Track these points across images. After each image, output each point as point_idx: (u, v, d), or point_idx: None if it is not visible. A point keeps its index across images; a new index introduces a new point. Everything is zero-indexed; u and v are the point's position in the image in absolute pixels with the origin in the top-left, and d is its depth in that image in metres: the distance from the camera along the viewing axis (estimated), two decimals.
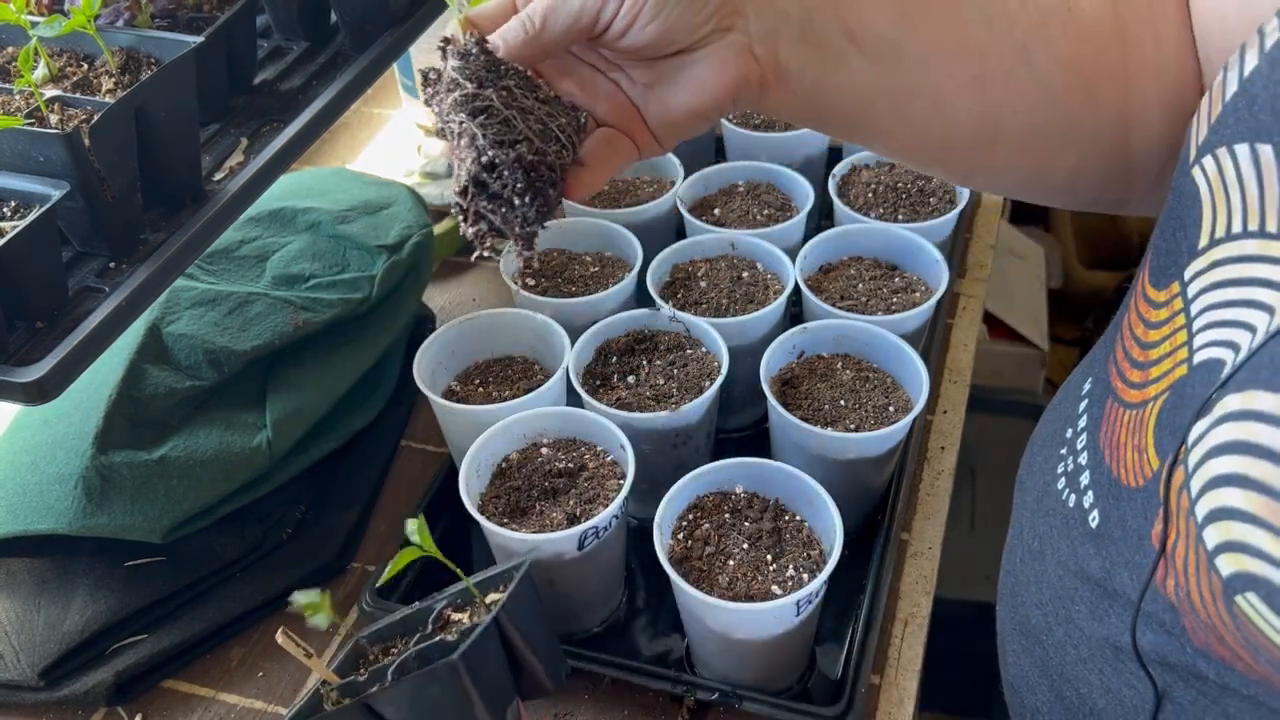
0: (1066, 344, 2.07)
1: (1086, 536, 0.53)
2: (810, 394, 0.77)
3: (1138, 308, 0.53)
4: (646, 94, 0.52)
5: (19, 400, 0.58)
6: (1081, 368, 0.63)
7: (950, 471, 0.85)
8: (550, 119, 0.48)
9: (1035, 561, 0.58)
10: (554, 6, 0.48)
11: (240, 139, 0.73)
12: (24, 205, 0.60)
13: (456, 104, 0.47)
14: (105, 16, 0.69)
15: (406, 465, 0.88)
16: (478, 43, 0.48)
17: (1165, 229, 0.51)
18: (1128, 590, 0.50)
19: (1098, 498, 0.52)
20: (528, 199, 0.46)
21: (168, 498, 0.74)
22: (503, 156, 0.46)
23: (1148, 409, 0.49)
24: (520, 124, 0.47)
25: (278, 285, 0.84)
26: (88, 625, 0.72)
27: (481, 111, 0.46)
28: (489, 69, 0.47)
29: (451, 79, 0.47)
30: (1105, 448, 0.52)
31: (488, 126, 0.46)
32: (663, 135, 0.52)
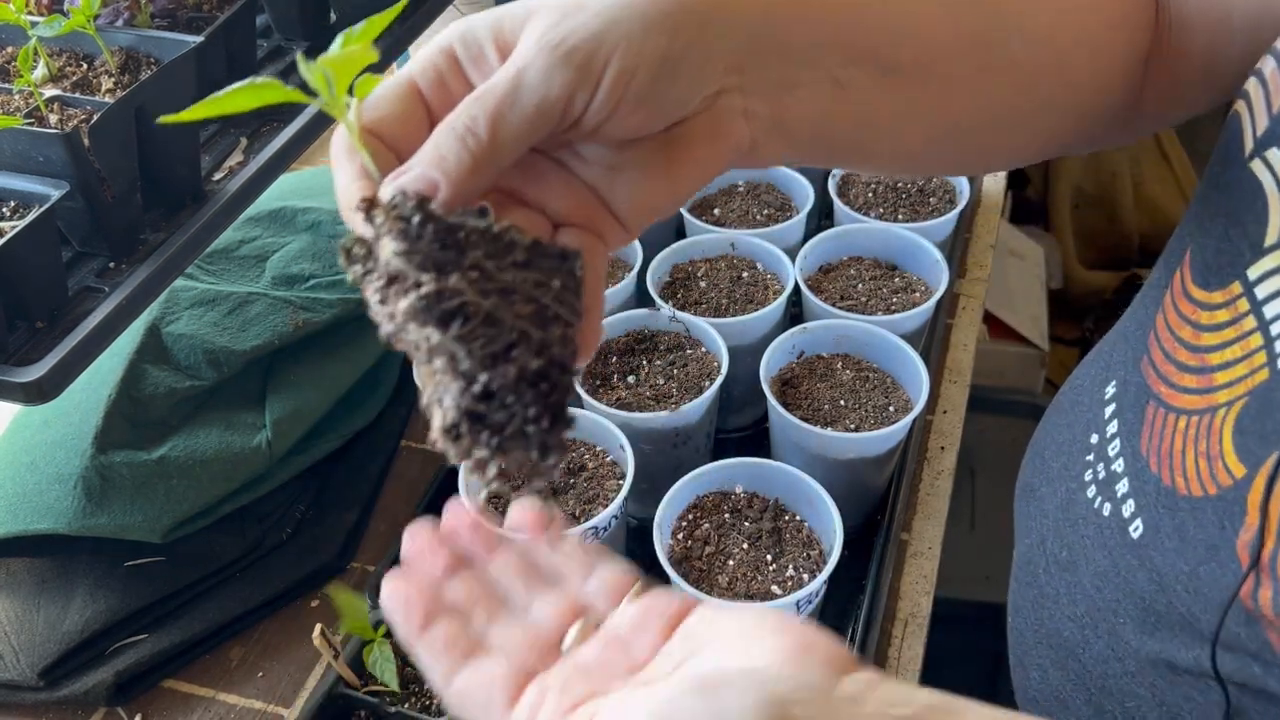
0: (1066, 344, 2.06)
1: (1127, 547, 0.51)
2: (810, 394, 0.77)
3: (1178, 308, 0.50)
4: (611, 177, 0.40)
5: (19, 400, 0.58)
6: (1092, 368, 0.60)
7: (950, 471, 0.85)
8: (541, 287, 0.34)
9: (1065, 573, 0.56)
10: (501, 109, 0.35)
11: (240, 139, 0.73)
12: (24, 205, 0.60)
13: (415, 312, 0.33)
14: (105, 16, 0.69)
15: (406, 465, 0.88)
16: (417, 205, 0.34)
17: (1211, 227, 0.48)
18: (1187, 603, 0.47)
19: (1141, 507, 0.50)
20: (545, 422, 0.33)
21: (167, 498, 0.74)
22: (500, 379, 0.32)
23: (1218, 415, 0.46)
24: (508, 316, 0.33)
25: (277, 285, 0.84)
26: (87, 625, 0.72)
27: (453, 316, 0.32)
28: (442, 239, 0.33)
29: (395, 269, 0.33)
30: (1150, 455, 0.50)
31: (469, 339, 0.32)
32: (632, 222, 0.41)
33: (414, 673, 0.66)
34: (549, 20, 0.36)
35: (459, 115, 0.36)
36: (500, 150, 0.36)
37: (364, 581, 0.78)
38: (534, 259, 0.34)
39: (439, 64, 0.38)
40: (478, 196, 0.36)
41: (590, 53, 0.36)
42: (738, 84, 0.40)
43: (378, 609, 0.70)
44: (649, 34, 0.37)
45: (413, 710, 0.63)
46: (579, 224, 0.40)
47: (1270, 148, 0.44)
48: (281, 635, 0.76)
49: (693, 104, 0.39)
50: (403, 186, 0.35)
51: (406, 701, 0.64)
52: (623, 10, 0.37)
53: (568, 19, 0.36)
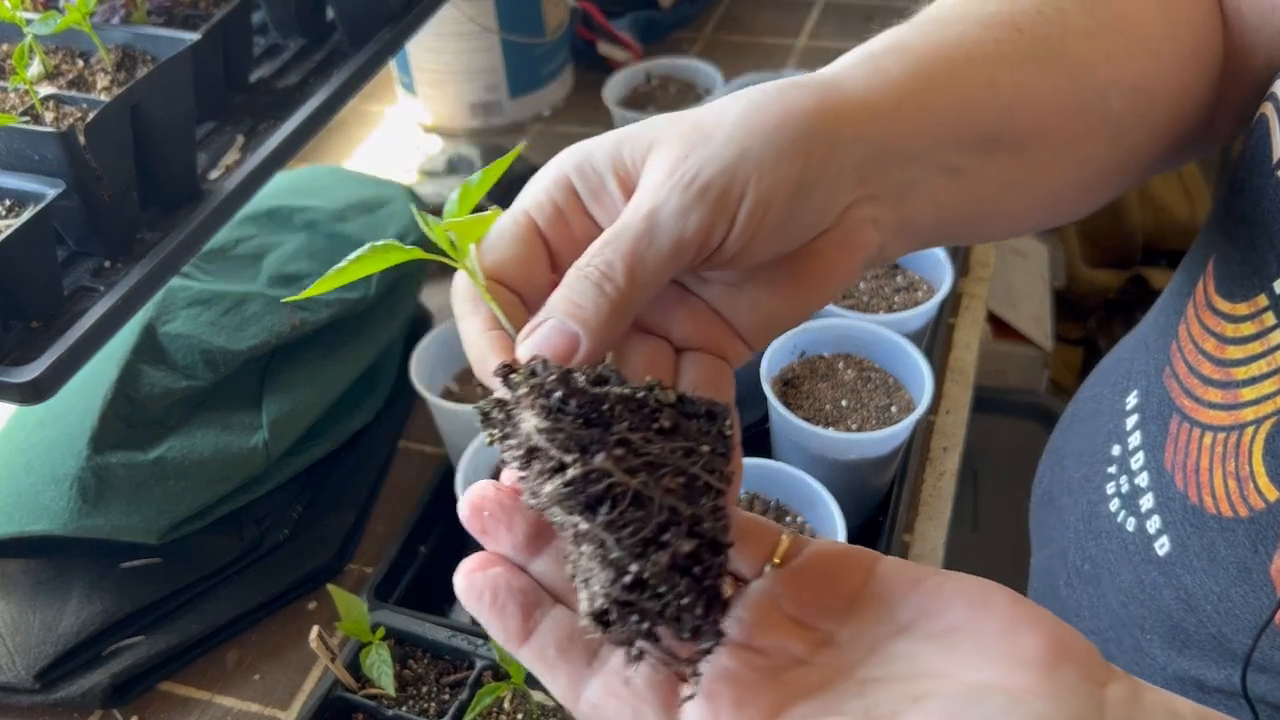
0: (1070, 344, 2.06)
1: (1152, 564, 0.50)
2: (812, 394, 0.77)
3: (1201, 319, 0.49)
4: (735, 295, 0.38)
5: (14, 400, 0.57)
6: (1112, 375, 0.59)
7: (953, 472, 0.84)
8: (689, 456, 0.32)
9: (1088, 586, 0.55)
10: (637, 252, 0.34)
11: (236, 137, 0.72)
12: (19, 204, 0.59)
13: (561, 497, 0.31)
14: (101, 13, 0.69)
15: (404, 466, 0.87)
16: (560, 378, 0.32)
17: (1235, 235, 0.47)
18: (1218, 624, 0.47)
19: (1167, 524, 0.49)
20: (699, 609, 0.30)
21: (164, 499, 0.73)
22: (652, 568, 0.30)
23: (1246, 433, 0.45)
24: (657, 494, 0.31)
25: (274, 284, 0.84)
26: (84, 627, 0.71)
27: (600, 501, 0.31)
28: (586, 415, 0.32)
29: (536, 446, 0.32)
30: (1175, 471, 0.49)
31: (618, 526, 0.30)
32: (756, 339, 0.39)
33: (411, 675, 0.65)
34: (676, 152, 0.35)
35: (593, 261, 0.34)
36: (638, 294, 0.34)
37: (362, 583, 0.77)
38: (680, 423, 0.32)
39: (556, 198, 0.37)
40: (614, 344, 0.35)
41: (725, 187, 0.34)
42: (865, 193, 0.39)
43: (375, 610, 0.70)
44: (781, 161, 0.35)
45: (410, 713, 0.63)
46: (701, 346, 0.39)
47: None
48: (279, 637, 0.75)
49: (826, 223, 0.38)
50: (541, 343, 0.33)
51: (404, 704, 0.64)
52: (752, 137, 0.35)
53: (697, 151, 0.35)
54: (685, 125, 0.36)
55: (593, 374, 0.33)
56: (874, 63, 0.40)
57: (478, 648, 0.65)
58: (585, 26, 1.28)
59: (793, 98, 0.37)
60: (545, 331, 0.34)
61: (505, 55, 1.18)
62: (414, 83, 1.22)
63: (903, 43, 0.41)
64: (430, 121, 1.24)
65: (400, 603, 0.73)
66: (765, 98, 0.37)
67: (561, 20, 1.22)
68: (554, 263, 0.37)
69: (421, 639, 0.67)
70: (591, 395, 0.32)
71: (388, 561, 0.76)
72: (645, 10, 1.33)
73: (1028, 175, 0.45)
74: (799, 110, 0.36)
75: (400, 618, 0.68)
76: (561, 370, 0.32)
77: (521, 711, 0.63)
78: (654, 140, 0.36)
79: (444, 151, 1.13)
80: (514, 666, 0.60)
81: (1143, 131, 0.48)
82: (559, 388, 0.32)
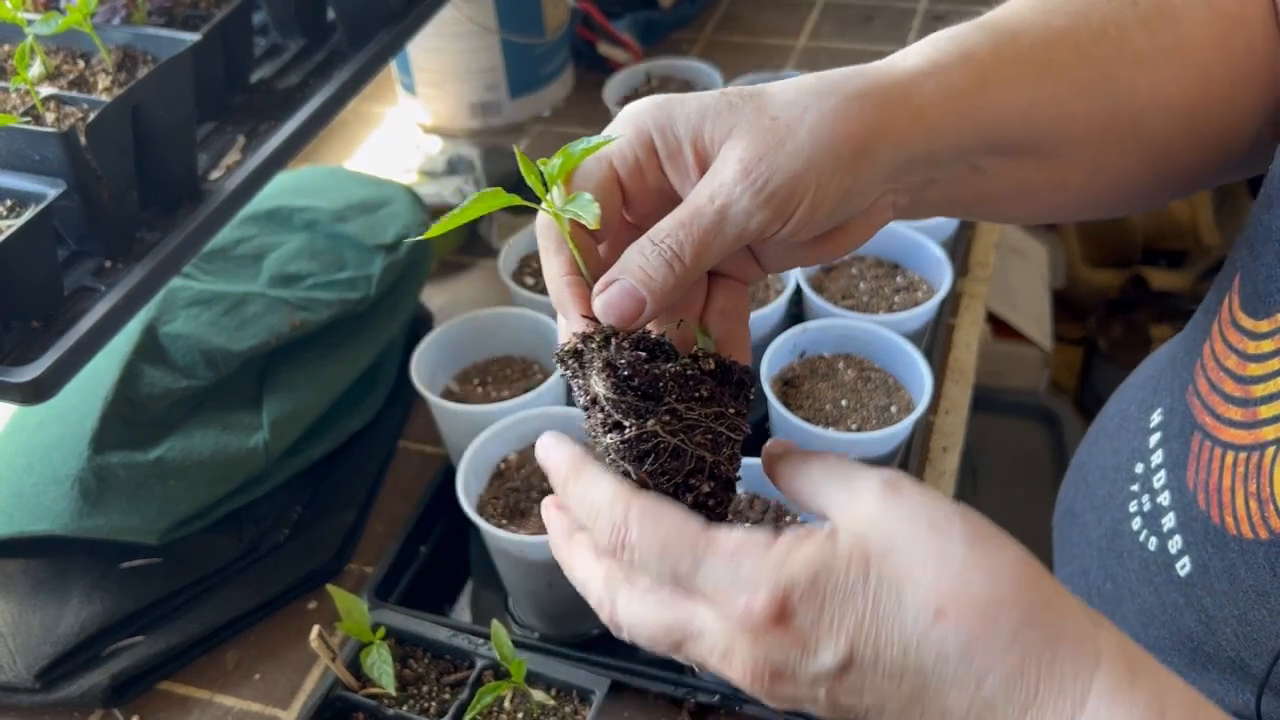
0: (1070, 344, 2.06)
1: (1173, 585, 0.49)
2: (812, 394, 0.77)
3: (1225, 336, 0.49)
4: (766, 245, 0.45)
5: (15, 400, 0.58)
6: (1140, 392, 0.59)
7: (953, 473, 0.84)
8: (720, 419, 0.40)
9: (1109, 605, 0.55)
10: (706, 241, 0.40)
11: (237, 137, 0.72)
12: (20, 204, 0.59)
13: (617, 448, 0.40)
14: (102, 14, 0.69)
15: (404, 466, 0.87)
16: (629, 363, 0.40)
17: (1262, 252, 0.47)
18: (1236, 649, 0.46)
19: (1189, 544, 0.49)
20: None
21: (164, 499, 0.73)
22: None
23: (1267, 454, 0.45)
24: (691, 448, 0.40)
25: (275, 285, 0.84)
26: (84, 627, 0.71)
27: (647, 455, 0.39)
28: (644, 390, 0.40)
29: (600, 405, 0.40)
30: (1198, 490, 0.48)
31: (657, 474, 0.40)
32: (775, 270, 0.47)
33: (411, 674, 0.65)
34: (752, 151, 0.40)
35: (667, 239, 0.40)
36: (698, 272, 0.41)
37: (362, 583, 0.77)
38: (715, 391, 0.40)
39: (638, 155, 0.42)
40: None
41: (788, 196, 0.40)
42: (891, 187, 0.44)
43: (376, 610, 0.70)
44: (837, 173, 0.41)
45: (411, 712, 0.63)
46: (729, 273, 0.46)
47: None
48: (279, 637, 0.75)
49: (857, 213, 0.44)
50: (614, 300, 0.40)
51: (405, 704, 0.64)
52: (818, 150, 0.40)
53: (770, 154, 0.40)
54: (765, 121, 0.41)
55: (650, 343, 0.41)
56: (944, 76, 0.44)
57: (478, 647, 0.65)
58: (585, 27, 1.28)
59: (859, 114, 0.41)
60: (618, 291, 0.40)
61: (505, 56, 1.18)
62: (414, 83, 1.22)
63: (972, 53, 0.45)
64: (430, 122, 1.24)
65: (400, 602, 0.73)
66: (836, 113, 0.41)
67: (561, 21, 1.22)
68: (626, 203, 0.43)
69: (422, 638, 0.67)
70: (651, 374, 0.39)
71: (388, 561, 0.76)
72: (645, 11, 1.33)
73: (1049, 179, 0.48)
74: (862, 128, 0.41)
75: (400, 617, 0.68)
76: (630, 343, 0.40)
77: (522, 710, 0.63)
78: (734, 127, 0.41)
79: (444, 152, 1.13)
80: (514, 666, 0.60)
81: (1185, 148, 0.50)
82: (626, 368, 0.40)
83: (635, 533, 0.38)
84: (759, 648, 0.36)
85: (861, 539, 0.36)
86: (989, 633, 0.35)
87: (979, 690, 0.35)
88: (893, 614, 0.35)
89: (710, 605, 0.37)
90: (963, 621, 0.35)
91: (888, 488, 0.37)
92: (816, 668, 0.36)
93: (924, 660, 0.35)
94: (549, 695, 0.63)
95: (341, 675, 0.64)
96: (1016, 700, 0.34)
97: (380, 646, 0.63)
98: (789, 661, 0.36)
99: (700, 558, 0.37)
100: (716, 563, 0.36)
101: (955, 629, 0.35)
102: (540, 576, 0.69)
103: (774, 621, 0.35)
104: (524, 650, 0.63)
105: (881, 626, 0.35)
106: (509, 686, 0.60)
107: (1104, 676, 0.34)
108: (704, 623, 0.37)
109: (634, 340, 0.40)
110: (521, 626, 0.75)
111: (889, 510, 0.37)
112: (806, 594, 0.35)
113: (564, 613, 0.73)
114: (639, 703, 0.69)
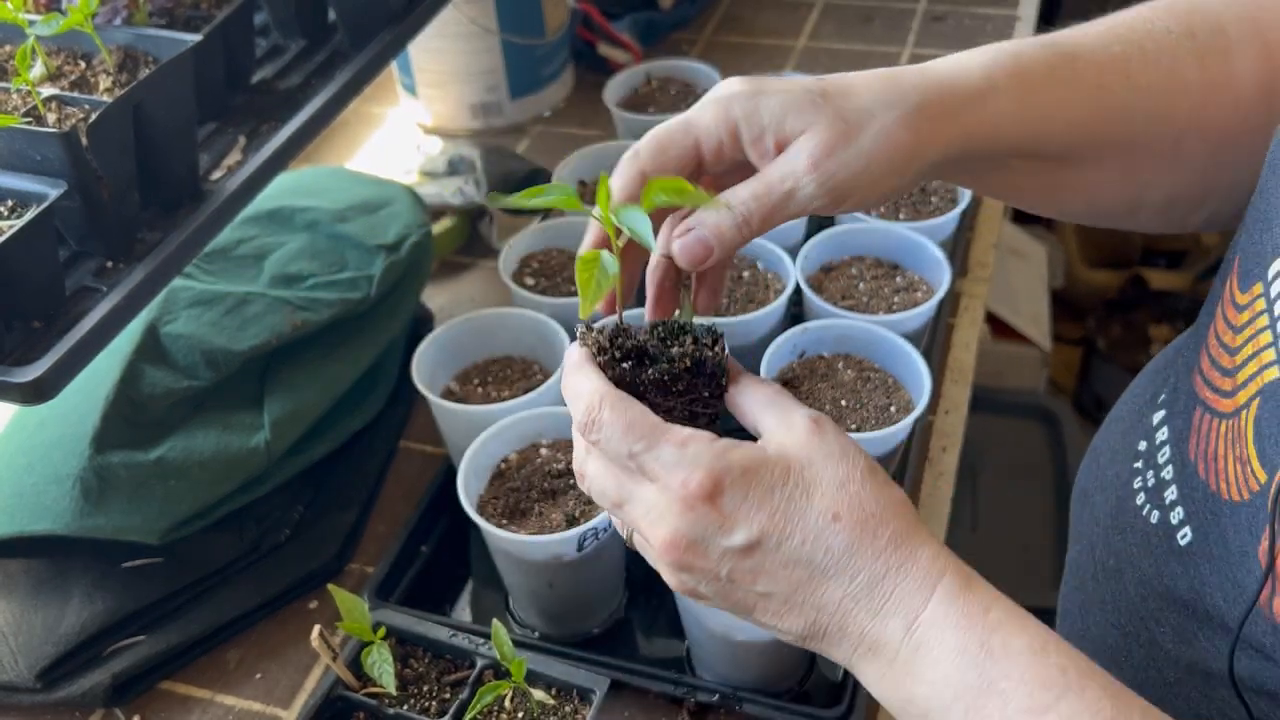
0: (1069, 343, 2.06)
1: (1172, 554, 0.51)
2: (811, 394, 0.77)
3: (1225, 315, 0.50)
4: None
5: (16, 400, 0.58)
6: (1151, 379, 0.61)
7: (952, 472, 0.84)
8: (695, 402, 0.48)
9: (1111, 580, 0.56)
10: (773, 214, 0.47)
11: (238, 138, 0.72)
12: (21, 204, 0.59)
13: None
14: (103, 15, 0.69)
15: (404, 466, 0.88)
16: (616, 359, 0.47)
17: (1252, 231, 0.49)
18: (1223, 613, 0.47)
19: (1190, 514, 0.50)
20: None
21: (165, 498, 0.73)
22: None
23: (1242, 418, 0.46)
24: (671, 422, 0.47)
25: (276, 285, 0.84)
26: (85, 626, 0.71)
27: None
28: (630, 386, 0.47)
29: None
30: (1198, 460, 0.50)
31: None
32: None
33: (412, 674, 0.66)
34: (825, 144, 0.47)
35: (741, 205, 0.47)
36: (759, 234, 0.48)
37: (363, 582, 0.77)
38: (690, 384, 0.48)
39: (722, 136, 0.49)
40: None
41: (846, 190, 0.48)
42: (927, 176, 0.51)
43: (376, 610, 0.70)
44: (889, 175, 0.48)
45: (411, 712, 0.63)
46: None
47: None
48: (280, 636, 0.76)
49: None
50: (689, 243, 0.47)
51: (405, 703, 0.64)
52: (877, 155, 0.48)
53: (839, 150, 0.47)
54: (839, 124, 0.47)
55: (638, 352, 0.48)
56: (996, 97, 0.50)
57: (479, 647, 0.65)
58: (585, 28, 1.28)
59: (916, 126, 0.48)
60: (694, 239, 0.47)
61: (506, 56, 1.18)
62: (415, 84, 1.22)
63: (1028, 73, 0.51)
64: (431, 123, 1.24)
65: (401, 602, 0.73)
66: (897, 124, 0.48)
67: (562, 21, 1.22)
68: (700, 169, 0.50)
69: (422, 638, 0.67)
70: (631, 378, 0.47)
71: (389, 561, 0.76)
72: (645, 11, 1.33)
73: (1075, 182, 0.55)
74: (915, 138, 0.48)
75: (401, 617, 0.68)
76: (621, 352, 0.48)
77: (522, 710, 0.63)
78: (811, 123, 0.47)
79: (445, 152, 1.13)
80: (514, 665, 0.60)
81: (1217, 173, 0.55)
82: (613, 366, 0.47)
83: (605, 414, 0.45)
84: (685, 519, 0.43)
85: (787, 453, 0.44)
86: (867, 540, 0.43)
87: (850, 585, 0.43)
88: (800, 511, 0.43)
89: (654, 480, 0.44)
90: (851, 527, 0.43)
91: (815, 424, 0.46)
92: (729, 543, 0.43)
93: (815, 553, 0.43)
94: (549, 694, 0.63)
95: (342, 675, 0.64)
96: (876, 599, 0.43)
97: (381, 646, 0.63)
98: (707, 535, 0.43)
99: (655, 442, 0.44)
100: (668, 446, 0.44)
101: (843, 531, 0.43)
102: (540, 576, 0.69)
103: (704, 498, 0.43)
104: (524, 650, 0.63)
105: (789, 520, 0.43)
106: (509, 686, 0.60)
107: (944, 585, 0.42)
108: (645, 491, 0.45)
109: (625, 351, 0.47)
110: (522, 626, 0.75)
111: (812, 439, 0.45)
112: (736, 481, 0.43)
113: (564, 612, 0.73)
114: (639, 702, 0.70)
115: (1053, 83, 0.51)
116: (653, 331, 0.50)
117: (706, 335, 0.49)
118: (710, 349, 0.48)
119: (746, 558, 0.44)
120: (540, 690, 0.62)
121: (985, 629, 0.41)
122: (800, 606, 0.44)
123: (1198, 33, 0.53)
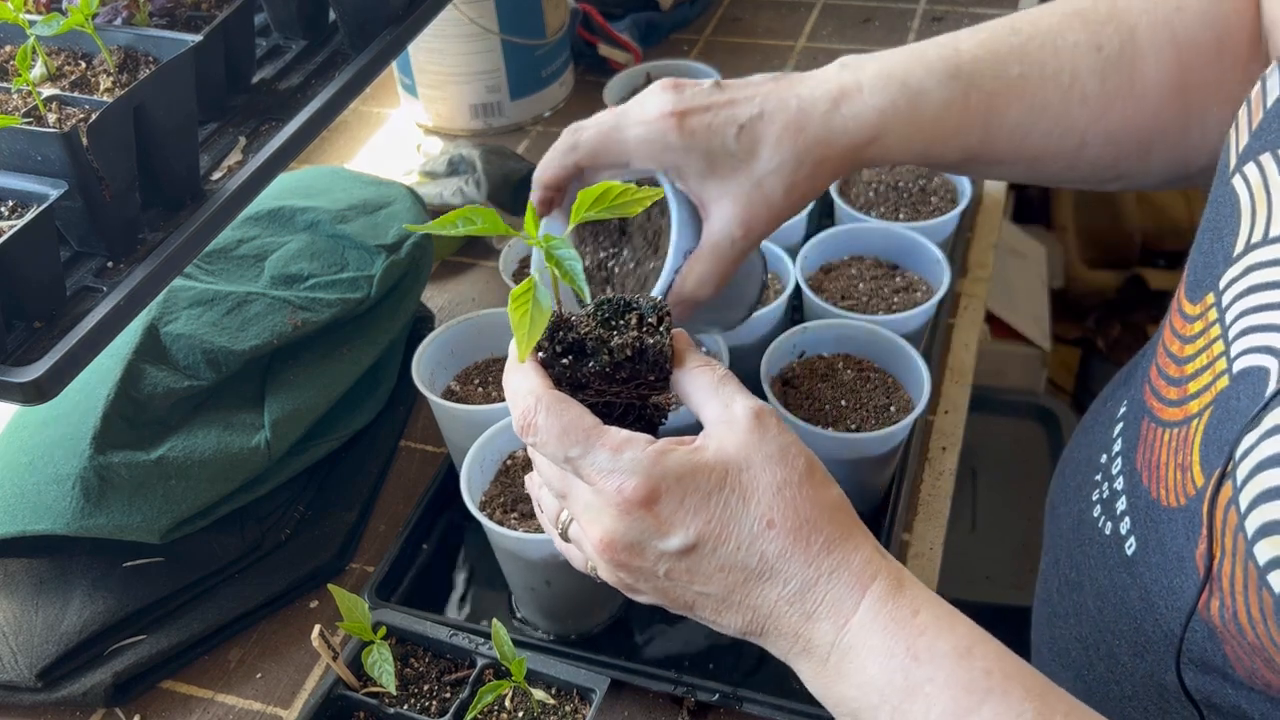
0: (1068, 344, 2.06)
1: (1122, 565, 0.51)
2: (811, 394, 0.77)
3: (1173, 325, 0.51)
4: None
5: (17, 400, 0.58)
6: (1115, 389, 0.62)
7: (951, 472, 0.84)
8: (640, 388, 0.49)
9: (1073, 593, 0.57)
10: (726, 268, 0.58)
11: (239, 138, 0.72)
12: (21, 205, 0.59)
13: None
14: (103, 15, 0.69)
15: (405, 465, 0.88)
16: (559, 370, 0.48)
17: (1202, 242, 0.49)
18: (1167, 620, 0.47)
19: (1135, 523, 0.50)
20: None
21: (166, 498, 0.73)
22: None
23: (1191, 426, 0.47)
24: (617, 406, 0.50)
25: (276, 285, 0.84)
26: (86, 626, 0.71)
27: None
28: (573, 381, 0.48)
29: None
30: (1143, 470, 0.50)
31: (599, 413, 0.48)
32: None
33: (413, 673, 0.66)
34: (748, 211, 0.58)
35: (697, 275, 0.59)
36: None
37: (363, 582, 0.78)
38: (634, 371, 0.48)
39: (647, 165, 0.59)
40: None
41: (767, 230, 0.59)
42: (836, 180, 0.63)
43: (377, 609, 0.70)
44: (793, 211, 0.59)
45: (411, 711, 0.63)
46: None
47: (1248, 162, 0.46)
48: (280, 636, 0.76)
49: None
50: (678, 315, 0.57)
51: (405, 703, 0.64)
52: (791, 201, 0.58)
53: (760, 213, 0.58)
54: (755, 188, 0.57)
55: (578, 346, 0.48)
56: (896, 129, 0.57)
57: (479, 646, 0.66)
58: (585, 28, 1.28)
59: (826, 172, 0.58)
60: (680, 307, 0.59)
61: (506, 57, 1.18)
62: (415, 84, 1.22)
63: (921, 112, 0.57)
64: (431, 123, 1.24)
65: (402, 602, 0.74)
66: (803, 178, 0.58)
67: (562, 22, 1.22)
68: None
69: (423, 638, 0.67)
70: (572, 373, 0.48)
71: (389, 561, 0.76)
72: (645, 12, 1.33)
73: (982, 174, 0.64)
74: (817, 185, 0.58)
75: (402, 616, 0.68)
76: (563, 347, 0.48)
77: (522, 709, 0.63)
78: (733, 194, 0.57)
79: (445, 153, 1.13)
80: (514, 664, 0.60)
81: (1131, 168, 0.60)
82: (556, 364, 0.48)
83: (540, 418, 0.45)
84: (622, 523, 0.44)
85: (725, 455, 0.45)
86: (800, 546, 0.44)
87: (784, 589, 0.44)
88: (735, 518, 0.44)
89: (590, 484, 0.45)
90: (784, 534, 0.44)
91: (757, 419, 0.46)
92: (665, 547, 0.44)
93: (749, 559, 0.44)
94: (549, 694, 0.63)
95: (343, 674, 0.64)
96: (808, 603, 0.44)
97: (381, 645, 0.63)
98: (644, 539, 0.44)
99: (590, 447, 0.44)
100: (603, 451, 0.44)
101: (777, 538, 0.44)
102: (541, 574, 0.69)
103: (641, 504, 0.44)
104: (524, 649, 0.63)
105: (725, 525, 0.44)
106: (509, 685, 0.60)
107: (875, 589, 0.43)
108: (582, 492, 0.46)
109: (566, 346, 0.48)
110: (522, 625, 0.75)
111: (752, 437, 0.45)
112: (673, 488, 0.44)
113: (564, 611, 0.73)
114: (639, 701, 0.70)
115: (946, 116, 0.57)
116: (597, 311, 0.49)
117: (653, 313, 0.49)
118: (654, 333, 0.48)
119: (682, 559, 0.44)
120: (540, 689, 0.62)
121: (913, 632, 0.42)
122: (737, 606, 0.45)
123: (1104, 45, 0.56)
